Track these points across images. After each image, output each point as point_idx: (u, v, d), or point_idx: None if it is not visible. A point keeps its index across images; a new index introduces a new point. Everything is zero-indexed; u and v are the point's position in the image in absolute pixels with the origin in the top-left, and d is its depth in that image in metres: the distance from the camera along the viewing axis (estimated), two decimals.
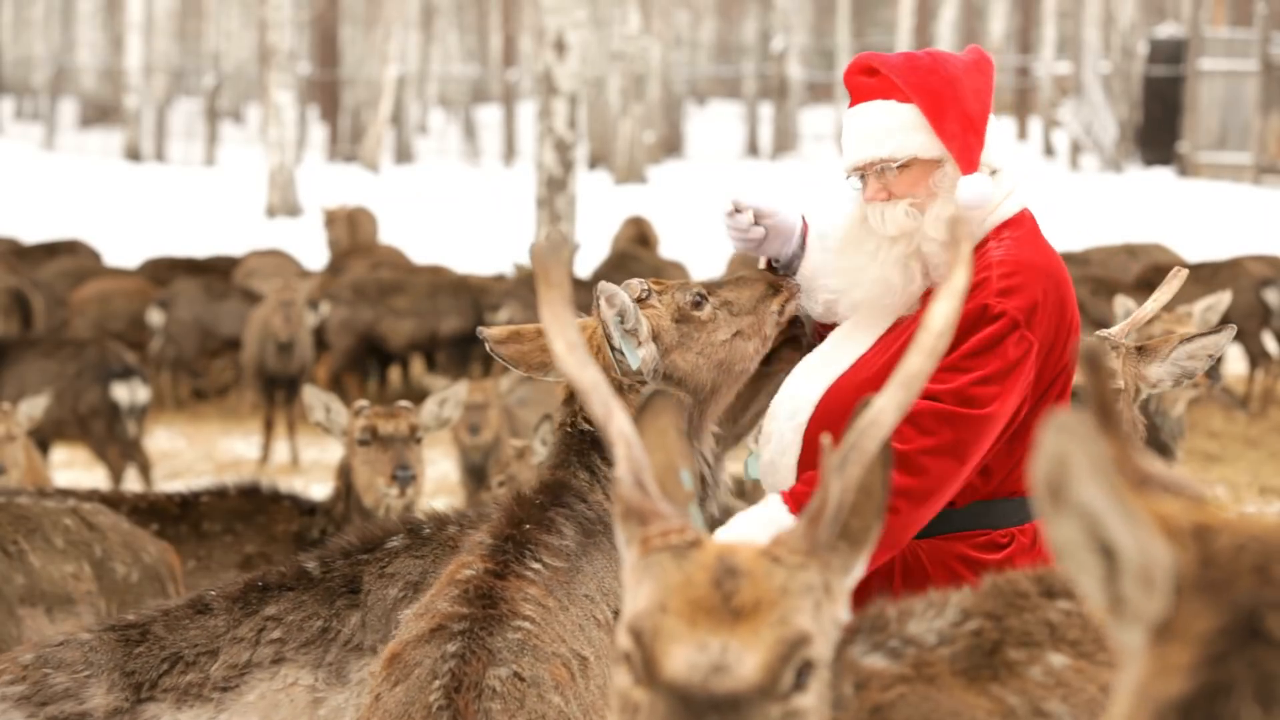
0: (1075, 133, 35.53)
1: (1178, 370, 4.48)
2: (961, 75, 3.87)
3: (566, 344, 2.39)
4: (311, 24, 41.74)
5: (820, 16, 48.15)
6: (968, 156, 3.83)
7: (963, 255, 2.33)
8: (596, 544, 3.85)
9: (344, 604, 4.29)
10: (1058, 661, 2.65)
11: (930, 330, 2.33)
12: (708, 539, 2.28)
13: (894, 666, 2.60)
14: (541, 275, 2.40)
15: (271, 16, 26.78)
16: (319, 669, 4.23)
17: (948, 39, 40.64)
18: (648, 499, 2.31)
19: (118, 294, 15.40)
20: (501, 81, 42.86)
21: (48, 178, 31.56)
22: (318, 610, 4.28)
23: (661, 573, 2.22)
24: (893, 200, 3.86)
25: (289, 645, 4.24)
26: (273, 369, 13.19)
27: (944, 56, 3.92)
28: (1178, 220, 24.72)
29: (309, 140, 40.59)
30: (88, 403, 11.21)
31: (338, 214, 18.34)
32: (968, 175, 3.82)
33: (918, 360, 2.32)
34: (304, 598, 4.30)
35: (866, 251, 3.88)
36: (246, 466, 12.55)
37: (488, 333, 4.05)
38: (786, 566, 2.22)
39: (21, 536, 5.39)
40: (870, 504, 2.30)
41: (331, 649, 4.25)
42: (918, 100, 3.85)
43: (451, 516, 4.46)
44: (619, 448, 2.33)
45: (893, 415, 2.30)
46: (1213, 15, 34.86)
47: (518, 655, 3.55)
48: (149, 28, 38.01)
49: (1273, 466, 12.45)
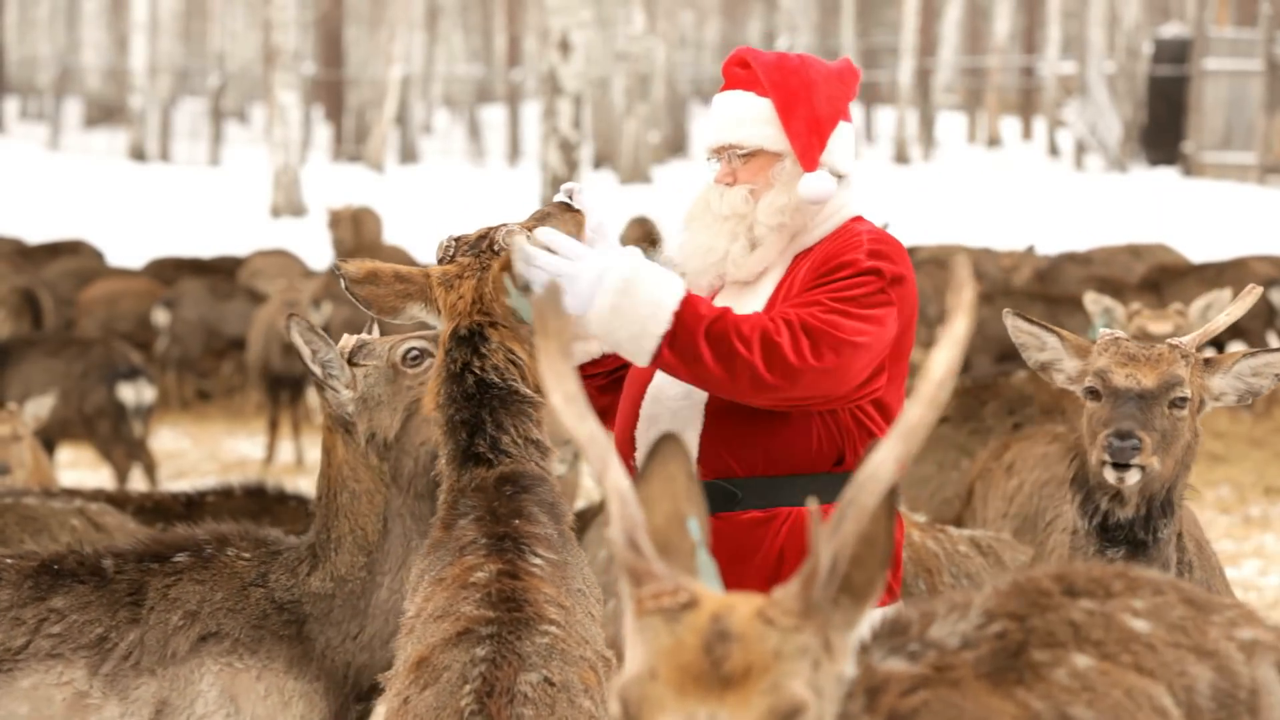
0: (1080, 133, 35.51)
1: (1242, 386, 4.46)
2: (820, 80, 4.12)
3: (564, 396, 2.31)
4: (316, 24, 41.77)
5: (825, 17, 48.13)
6: (808, 154, 4.07)
7: (965, 302, 2.27)
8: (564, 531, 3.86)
9: (125, 616, 4.27)
10: (1082, 663, 2.62)
11: (930, 379, 2.26)
12: (705, 596, 2.21)
13: (914, 668, 2.56)
14: (539, 324, 2.32)
15: (276, 17, 26.80)
16: (94, 676, 4.22)
17: (952, 39, 40.64)
18: (641, 558, 2.23)
19: (125, 294, 15.42)
20: (506, 82, 42.87)
21: (53, 178, 31.58)
22: (100, 616, 4.26)
23: (653, 636, 2.17)
24: (736, 185, 4.11)
25: (67, 644, 4.23)
26: (277, 369, 13.20)
27: (812, 62, 4.17)
28: (1182, 220, 24.71)
29: (314, 140, 40.61)
30: (93, 403, 11.23)
31: (342, 214, 18.36)
32: (809, 173, 4.07)
33: (918, 411, 2.25)
34: (91, 598, 4.28)
35: (703, 225, 4.12)
36: (251, 466, 12.57)
37: (346, 268, 4.00)
38: (780, 629, 2.16)
39: (28, 536, 5.41)
40: (873, 555, 2.23)
41: (109, 660, 4.24)
42: (773, 96, 4.10)
43: (232, 538, 4.44)
44: (613, 504, 2.26)
45: (891, 467, 2.23)
46: (1217, 15, 34.84)
47: (547, 660, 3.53)
48: (154, 28, 38.05)
49: (1277, 467, 12.45)
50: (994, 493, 6.66)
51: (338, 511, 4.47)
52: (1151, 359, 4.38)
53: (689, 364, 3.83)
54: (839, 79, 4.15)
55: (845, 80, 4.17)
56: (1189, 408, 4.38)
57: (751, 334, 3.82)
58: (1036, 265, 15.22)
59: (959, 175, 32.89)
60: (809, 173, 4.06)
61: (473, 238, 4.02)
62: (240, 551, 4.40)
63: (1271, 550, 10.29)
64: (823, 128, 4.09)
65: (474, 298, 3.91)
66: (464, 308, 3.91)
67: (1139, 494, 4.33)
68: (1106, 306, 8.61)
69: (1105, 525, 4.37)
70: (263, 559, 4.42)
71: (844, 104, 4.15)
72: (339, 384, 4.42)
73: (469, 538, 3.76)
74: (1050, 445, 6.64)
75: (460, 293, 3.92)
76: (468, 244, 4.00)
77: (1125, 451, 4.25)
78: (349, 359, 4.44)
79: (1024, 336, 4.57)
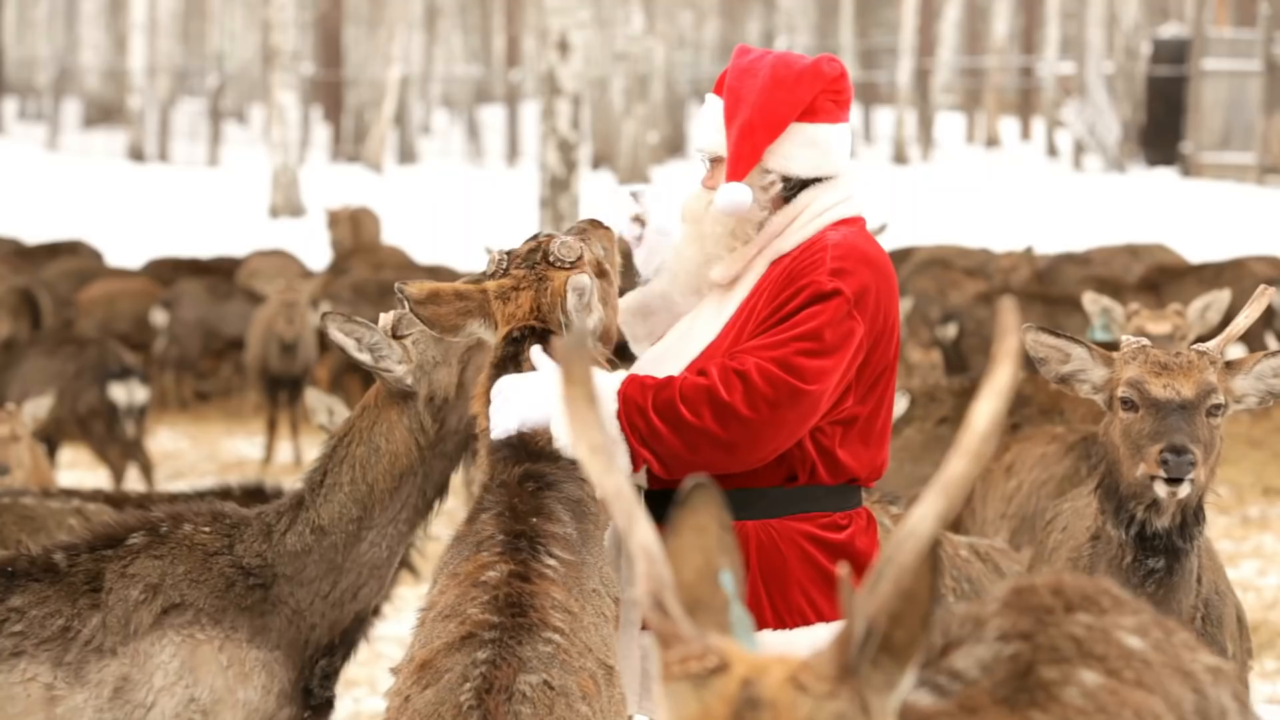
0: (1079, 133, 35.52)
1: (1264, 387, 4.44)
2: (771, 85, 4.04)
3: (590, 447, 2.19)
4: (315, 24, 41.77)
5: (824, 17, 48.14)
6: (735, 162, 4.05)
7: (1009, 349, 2.14)
8: (587, 530, 3.88)
9: (86, 603, 4.29)
10: (1091, 680, 2.55)
11: (974, 431, 2.12)
12: (735, 660, 2.10)
13: (941, 703, 2.46)
14: (565, 372, 2.22)
15: (275, 17, 26.79)
16: (58, 668, 4.23)
17: (951, 39, 40.64)
18: (668, 621, 2.12)
19: (123, 294, 15.42)
20: (505, 82, 42.88)
21: (51, 178, 31.57)
22: (60, 608, 4.28)
23: (680, 704, 2.08)
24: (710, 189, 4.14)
25: (29, 640, 4.24)
26: (276, 370, 13.20)
27: (774, 64, 4.08)
28: (1181, 221, 24.70)
29: (312, 141, 40.61)
30: (86, 403, 11.22)
31: (341, 214, 18.36)
32: (729, 182, 4.04)
33: (960, 464, 2.11)
34: (48, 592, 4.29)
35: (693, 233, 4.13)
36: (250, 467, 12.57)
37: (409, 290, 4.06)
38: (814, 695, 2.06)
39: (26, 536, 5.40)
40: (914, 612, 2.09)
41: (72, 648, 4.25)
42: (725, 99, 4.10)
43: (188, 515, 4.46)
44: (640, 563, 2.15)
45: (932, 524, 2.10)
46: (1216, 15, 34.85)
47: (547, 666, 3.56)
48: (153, 28, 38.04)
49: (1276, 467, 12.46)
50: (993, 493, 6.66)
51: (345, 460, 4.50)
52: (1184, 367, 4.34)
53: (650, 442, 3.82)
54: (796, 81, 4.06)
55: (814, 80, 4.07)
56: (1222, 414, 4.37)
57: (698, 398, 3.81)
58: (1035, 265, 15.22)
59: (958, 175, 32.89)
60: (729, 182, 4.03)
61: (524, 251, 4.11)
62: (198, 526, 4.42)
63: (1270, 550, 10.29)
64: (755, 134, 4.03)
65: (531, 307, 4.02)
66: (521, 316, 4.03)
67: (1176, 503, 4.30)
68: (1105, 307, 8.61)
69: (1143, 535, 4.34)
70: (226, 530, 4.43)
71: (789, 109, 4.05)
72: (391, 362, 4.47)
73: (486, 533, 3.81)
74: (1049, 445, 6.64)
75: (518, 303, 4.03)
76: (519, 257, 4.09)
77: (1182, 466, 4.21)
78: (393, 334, 4.49)
79: (1045, 350, 4.49)
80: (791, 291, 3.92)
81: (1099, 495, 4.43)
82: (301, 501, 4.49)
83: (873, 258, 3.99)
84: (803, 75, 4.07)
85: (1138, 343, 4.51)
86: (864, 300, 3.91)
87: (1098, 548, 4.45)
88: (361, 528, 4.47)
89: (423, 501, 4.55)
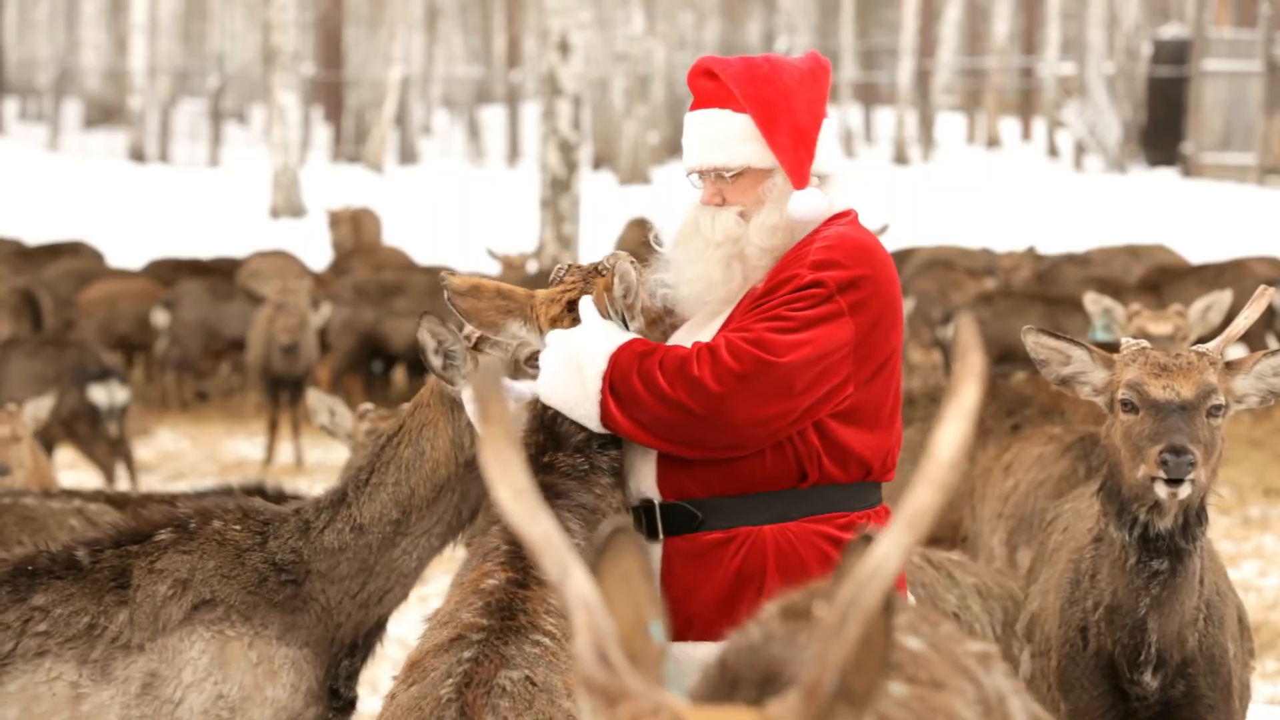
0: (1079, 133, 35.53)
1: (1264, 387, 4.44)
2: (796, 87, 4.02)
3: (513, 491, 2.04)
4: (316, 25, 41.78)
5: (824, 18, 48.15)
6: (798, 170, 3.99)
7: (972, 368, 2.00)
8: None
9: (112, 600, 4.26)
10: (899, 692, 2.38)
11: (938, 460, 1.98)
12: (688, 715, 1.98)
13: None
14: (482, 411, 2.07)
15: (276, 18, 26.80)
16: (84, 665, 4.20)
17: (952, 40, 40.66)
18: (613, 675, 1.98)
19: (124, 295, 15.44)
20: (505, 82, 42.89)
21: (52, 179, 31.59)
22: (86, 605, 4.25)
23: None
24: (725, 206, 4.03)
25: (54, 639, 4.22)
26: (277, 370, 13.20)
27: (781, 65, 4.07)
28: (1181, 221, 24.71)
29: (313, 141, 40.62)
30: (68, 405, 11.20)
31: (342, 215, 18.37)
32: (800, 190, 3.98)
33: (925, 494, 1.98)
34: (72, 590, 4.27)
35: (694, 250, 4.05)
36: (251, 467, 12.57)
37: (451, 280, 4.08)
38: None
39: (27, 537, 5.40)
40: (873, 658, 1.96)
41: (98, 645, 4.22)
42: (752, 111, 4.00)
43: (216, 510, 4.44)
44: (578, 615, 2.02)
45: (896, 562, 1.97)
46: (1217, 16, 34.85)
47: (533, 664, 3.58)
48: (153, 29, 38.06)
49: (1277, 468, 12.46)
50: (991, 492, 6.66)
51: (392, 460, 4.48)
52: (1183, 368, 4.35)
53: (629, 408, 3.84)
54: (813, 80, 4.06)
55: (819, 80, 4.08)
56: (1222, 414, 4.37)
57: (674, 369, 3.82)
58: (1036, 266, 15.22)
59: (958, 176, 32.90)
60: (798, 190, 3.97)
61: (586, 265, 4.15)
62: (228, 522, 4.39)
63: (1271, 551, 10.29)
64: (808, 137, 4.00)
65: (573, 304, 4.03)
66: (564, 319, 4.04)
67: (1178, 504, 4.31)
68: (1106, 307, 8.61)
69: (1146, 536, 4.34)
70: (258, 526, 4.42)
71: (822, 105, 4.07)
72: (458, 375, 4.44)
73: (493, 544, 3.84)
74: (1046, 445, 6.63)
75: (562, 305, 4.05)
76: (578, 268, 4.14)
77: (1181, 467, 4.21)
78: (473, 346, 4.48)
79: (1046, 352, 4.50)
80: (772, 286, 3.92)
81: (1101, 497, 4.43)
82: (344, 498, 4.47)
83: (864, 245, 3.96)
84: (816, 72, 4.08)
85: (1137, 344, 4.51)
86: (851, 289, 3.89)
87: (1100, 549, 4.45)
88: (398, 532, 4.46)
89: (457, 520, 4.53)
